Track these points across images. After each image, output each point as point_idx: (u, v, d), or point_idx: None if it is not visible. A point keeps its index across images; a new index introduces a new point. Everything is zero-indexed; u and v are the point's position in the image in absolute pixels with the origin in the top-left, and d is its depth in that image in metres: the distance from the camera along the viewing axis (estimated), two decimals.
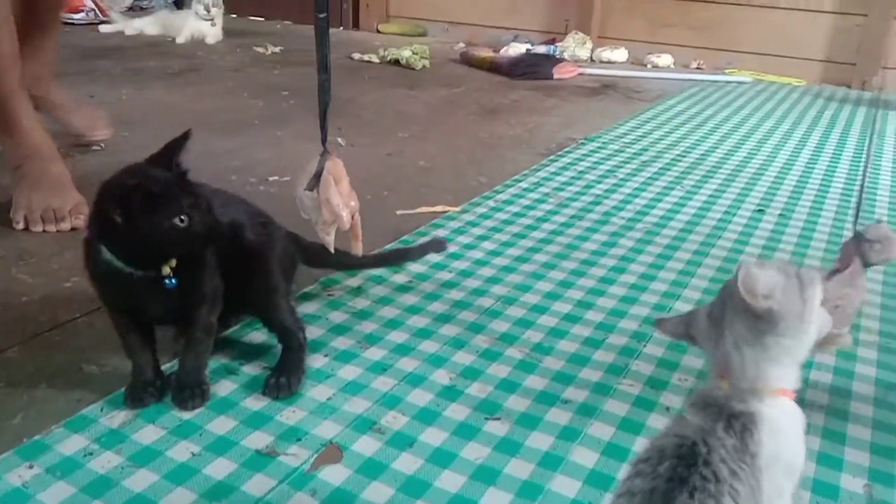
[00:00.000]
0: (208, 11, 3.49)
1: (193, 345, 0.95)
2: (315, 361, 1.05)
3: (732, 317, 0.56)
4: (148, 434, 0.89)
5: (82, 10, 3.81)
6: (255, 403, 0.95)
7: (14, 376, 0.99)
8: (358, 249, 1.02)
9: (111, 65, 2.93)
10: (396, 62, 3.23)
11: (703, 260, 1.42)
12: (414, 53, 3.23)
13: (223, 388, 0.98)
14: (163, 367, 0.99)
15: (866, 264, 1.00)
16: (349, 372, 1.03)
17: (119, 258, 0.87)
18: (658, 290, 1.30)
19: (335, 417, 0.93)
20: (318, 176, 0.94)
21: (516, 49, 3.40)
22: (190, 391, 0.94)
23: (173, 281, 0.89)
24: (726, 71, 3.38)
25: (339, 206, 0.96)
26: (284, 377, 0.98)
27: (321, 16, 1.00)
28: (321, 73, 1.01)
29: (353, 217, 1.02)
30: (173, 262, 0.89)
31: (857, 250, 1.00)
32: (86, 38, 3.45)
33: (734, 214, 1.66)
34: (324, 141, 1.01)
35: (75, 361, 1.03)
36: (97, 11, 3.84)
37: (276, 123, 2.25)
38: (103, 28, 3.63)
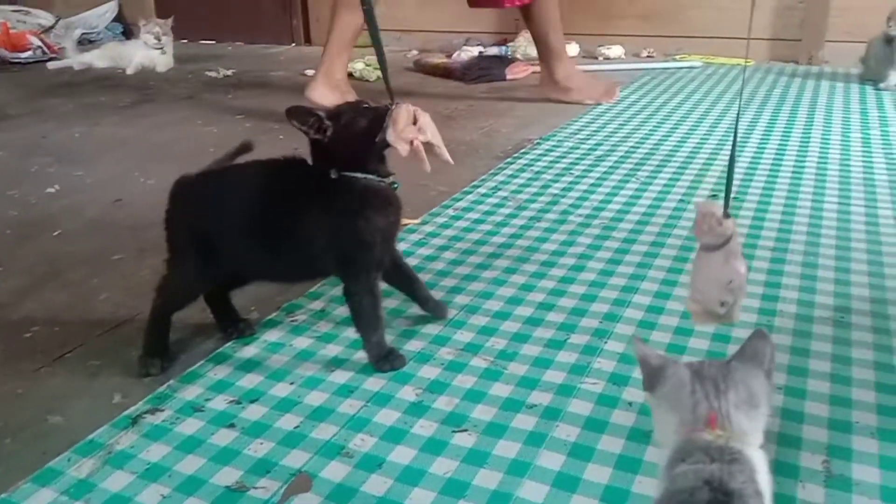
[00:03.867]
0: (158, 40, 3.47)
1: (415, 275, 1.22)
2: (281, 390, 1.05)
3: (737, 382, 0.64)
4: (117, 481, 0.89)
5: (29, 49, 3.76)
6: (223, 439, 0.95)
7: None
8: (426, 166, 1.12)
9: (62, 102, 2.90)
10: (350, 75, 3.23)
11: (660, 251, 1.44)
12: (367, 65, 3.24)
13: (190, 426, 0.98)
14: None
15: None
16: (316, 398, 1.03)
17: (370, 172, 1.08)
18: (617, 284, 1.32)
19: (303, 445, 0.94)
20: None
21: (469, 53, 3.42)
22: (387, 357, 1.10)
23: (397, 184, 1.11)
24: (677, 57, 3.42)
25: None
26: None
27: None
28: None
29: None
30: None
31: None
32: (35, 77, 3.42)
33: (688, 202, 1.69)
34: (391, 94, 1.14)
35: (40, 413, 1.03)
36: (45, 49, 3.80)
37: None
38: (52, 64, 3.59)
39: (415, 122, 1.09)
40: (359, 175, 1.07)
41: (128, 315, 1.28)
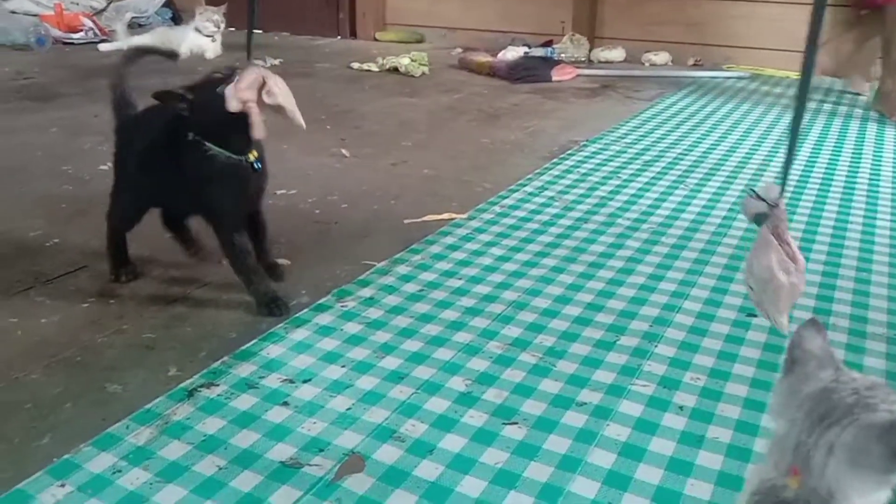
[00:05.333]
0: (218, 28, 3.52)
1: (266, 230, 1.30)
2: (333, 373, 1.06)
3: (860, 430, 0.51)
4: (174, 450, 0.91)
5: (81, 30, 3.84)
6: (277, 416, 0.97)
7: (39, 398, 1.01)
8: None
9: None
10: (395, 70, 3.25)
11: (710, 258, 1.44)
12: (413, 60, 3.26)
13: (244, 402, 1.00)
14: None
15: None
16: (367, 382, 1.04)
17: (220, 146, 1.17)
18: (667, 289, 1.31)
19: (355, 427, 0.95)
20: None
21: (514, 52, 3.41)
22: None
23: (259, 164, 1.22)
24: (724, 67, 3.39)
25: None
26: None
27: None
28: None
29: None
30: (255, 154, 1.21)
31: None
32: (86, 58, 3.48)
33: (738, 212, 1.68)
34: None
35: (98, 381, 1.05)
36: (96, 31, 3.87)
37: (280, 137, 2.26)
38: (103, 46, 3.66)
39: (263, 86, 1.14)
40: (208, 145, 1.17)
41: (180, 293, 1.30)
